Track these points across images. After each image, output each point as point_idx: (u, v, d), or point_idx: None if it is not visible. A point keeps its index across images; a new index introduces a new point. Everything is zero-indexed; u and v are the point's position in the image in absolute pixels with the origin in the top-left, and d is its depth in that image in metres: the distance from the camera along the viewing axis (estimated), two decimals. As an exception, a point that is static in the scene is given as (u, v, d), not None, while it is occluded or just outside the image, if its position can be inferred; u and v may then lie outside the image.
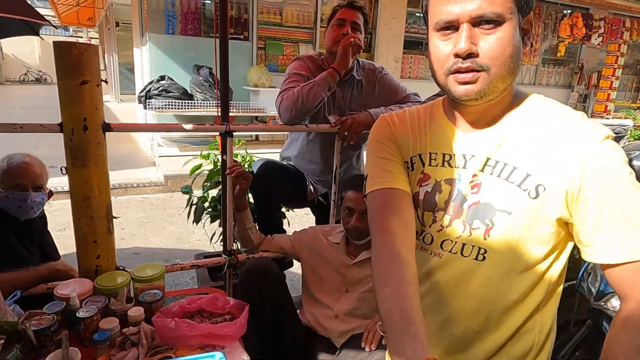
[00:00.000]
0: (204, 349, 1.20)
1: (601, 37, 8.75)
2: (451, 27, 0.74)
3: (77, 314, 1.20)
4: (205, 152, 2.23)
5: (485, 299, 0.82)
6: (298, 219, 3.25)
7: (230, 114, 5.85)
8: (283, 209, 2.21)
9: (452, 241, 0.83)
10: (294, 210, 2.35)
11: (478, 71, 0.73)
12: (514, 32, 0.73)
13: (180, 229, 3.90)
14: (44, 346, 1.12)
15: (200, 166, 2.18)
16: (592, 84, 9.76)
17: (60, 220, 3.65)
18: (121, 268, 1.50)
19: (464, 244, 0.82)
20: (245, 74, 6.36)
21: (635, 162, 1.92)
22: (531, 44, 0.85)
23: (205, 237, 2.29)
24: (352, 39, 1.83)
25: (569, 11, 8.61)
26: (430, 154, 0.87)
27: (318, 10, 6.85)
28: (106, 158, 1.39)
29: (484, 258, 0.80)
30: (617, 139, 2.61)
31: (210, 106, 5.55)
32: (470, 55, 0.72)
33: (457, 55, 0.73)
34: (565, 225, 0.77)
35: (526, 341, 0.83)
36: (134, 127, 1.61)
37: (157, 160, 5.53)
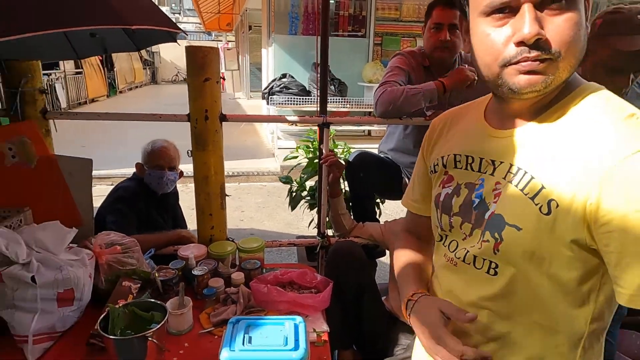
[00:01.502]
0: (290, 315, 1.36)
1: None
2: (507, 8, 0.63)
3: (192, 272, 1.46)
4: (301, 144, 2.40)
5: (497, 314, 0.73)
6: (392, 211, 3.28)
7: (344, 109, 6.01)
8: (378, 200, 2.29)
9: (468, 250, 0.76)
10: (386, 201, 2.39)
11: (545, 59, 0.62)
12: (582, 14, 0.63)
13: (290, 215, 4.21)
14: (167, 293, 1.39)
15: (295, 157, 2.35)
16: None
17: (192, 200, 4.26)
18: (230, 239, 1.74)
19: (475, 256, 0.74)
20: (360, 70, 6.51)
21: None
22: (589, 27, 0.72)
23: (313, 224, 2.49)
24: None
25: None
26: (455, 155, 0.81)
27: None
28: (222, 144, 1.63)
29: (495, 273, 0.71)
30: None
31: (318, 99, 5.82)
32: (537, 41, 0.61)
33: (520, 44, 0.62)
34: (597, 254, 0.63)
35: None
36: (245, 118, 1.84)
37: (276, 151, 6.01)
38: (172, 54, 21.06)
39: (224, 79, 12.81)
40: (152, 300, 1.22)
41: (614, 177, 0.58)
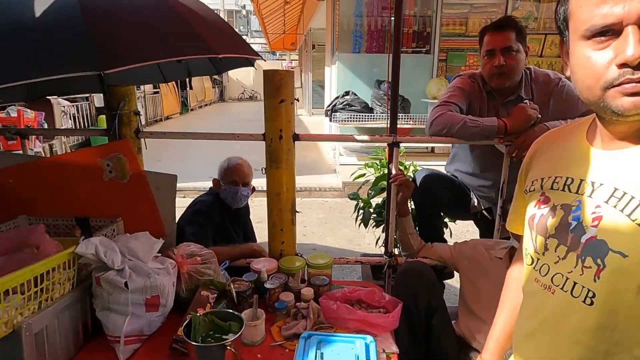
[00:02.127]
0: (359, 334, 1.36)
1: None
2: (609, 31, 0.63)
3: (265, 285, 1.51)
4: (368, 162, 2.41)
5: (594, 349, 0.69)
6: (461, 232, 3.17)
7: (407, 126, 5.95)
8: (446, 220, 2.23)
9: (563, 275, 0.73)
10: (456, 222, 2.33)
11: None
12: None
13: (352, 232, 4.23)
14: (241, 304, 1.45)
15: (363, 175, 2.36)
16: None
17: (258, 215, 4.41)
18: (299, 255, 1.79)
19: (575, 283, 0.71)
20: (424, 86, 6.44)
21: None
22: None
23: (374, 242, 2.48)
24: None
25: None
26: (555, 177, 0.79)
27: (508, 11, 6.44)
28: (294, 162, 1.70)
29: (592, 302, 0.68)
30: None
31: (388, 118, 5.83)
32: None
33: (623, 65, 0.62)
34: None
35: None
36: (316, 137, 1.91)
37: (338, 168, 6.08)
38: (238, 74, 22.20)
39: (297, 100, 13.26)
40: (230, 310, 1.28)
41: None
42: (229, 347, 1.11)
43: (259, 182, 2.60)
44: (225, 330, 1.22)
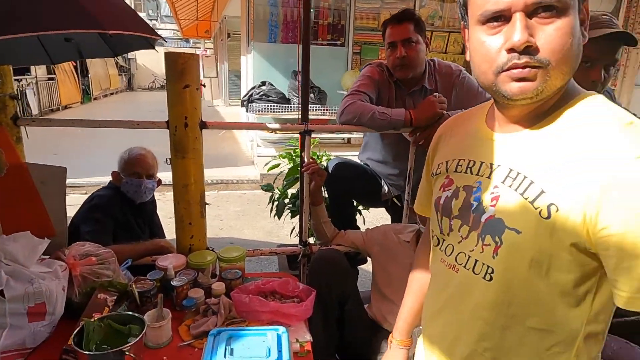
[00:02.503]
0: (273, 325, 1.33)
1: None
2: (501, 17, 0.65)
3: (171, 283, 1.42)
4: (282, 153, 2.38)
5: (493, 324, 0.73)
6: (376, 219, 3.30)
7: (324, 117, 6.00)
8: (360, 208, 2.29)
9: (465, 254, 0.76)
10: (369, 210, 2.40)
11: (536, 67, 0.64)
12: (575, 22, 0.64)
13: (271, 223, 4.18)
14: (144, 305, 1.34)
15: (277, 165, 2.33)
16: None
17: (170, 209, 4.19)
18: (210, 249, 1.71)
19: (476, 260, 0.74)
20: (340, 78, 6.56)
21: None
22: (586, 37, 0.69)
23: (294, 231, 2.46)
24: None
25: None
26: (459, 160, 0.82)
27: (415, 10, 6.78)
28: (202, 152, 1.61)
29: (491, 278, 0.71)
30: None
31: (299, 107, 5.84)
32: (528, 49, 0.63)
33: (511, 50, 0.64)
34: (595, 257, 0.64)
35: None
36: (225, 125, 1.82)
37: (255, 159, 5.98)
38: (148, 61, 20.76)
39: (204, 85, 12.71)
40: (130, 312, 1.18)
41: (615, 183, 0.59)
42: (127, 353, 1.02)
43: (168, 175, 2.46)
44: (126, 334, 1.12)
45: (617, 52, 1.37)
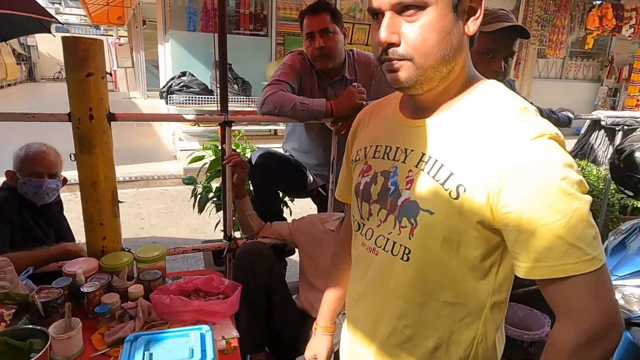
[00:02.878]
0: (197, 325, 1.28)
1: (633, 29, 8.39)
2: (378, 14, 0.71)
3: (81, 289, 1.30)
4: (206, 145, 2.29)
5: (411, 301, 0.77)
6: (304, 210, 3.32)
7: (249, 109, 5.87)
8: (286, 199, 2.28)
9: (384, 237, 0.79)
10: (296, 200, 2.40)
11: (401, 59, 0.70)
12: (441, 17, 0.68)
13: (197, 220, 4.02)
14: (50, 316, 1.22)
15: (200, 158, 2.24)
16: (623, 78, 9.40)
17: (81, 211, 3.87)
18: (127, 250, 1.60)
19: (394, 242, 0.77)
20: (264, 69, 6.46)
21: (638, 154, 1.88)
22: (474, 20, 0.73)
23: (220, 226, 2.37)
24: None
25: (599, 2, 8.31)
26: (377, 146, 0.84)
27: (337, 4, 6.86)
28: (112, 146, 1.49)
29: (408, 259, 0.75)
30: (629, 131, 2.54)
31: (230, 101, 5.68)
32: (391, 45, 0.69)
33: (380, 45, 0.71)
34: (498, 232, 0.69)
35: (461, 350, 0.78)
36: (137, 117, 1.69)
37: (178, 154, 5.70)
38: (53, 49, 18.73)
39: (110, 74, 11.79)
40: (30, 326, 1.06)
41: (514, 163, 0.64)
42: (28, 371, 0.92)
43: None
44: (26, 350, 1.01)
45: (514, 44, 1.49)
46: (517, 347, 2.03)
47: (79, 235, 1.97)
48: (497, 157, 0.66)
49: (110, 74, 11.85)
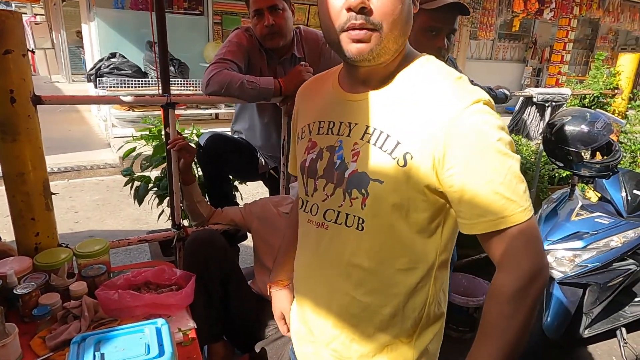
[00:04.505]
0: (150, 319, 1.21)
1: (553, 12, 8.97)
2: None
3: (14, 291, 1.18)
4: (135, 135, 2.11)
5: (367, 269, 0.79)
6: (252, 194, 3.26)
7: (187, 92, 5.62)
8: (236, 183, 2.21)
9: (334, 211, 0.80)
10: (247, 184, 2.34)
11: (371, 30, 0.70)
12: None
13: (137, 210, 3.79)
14: (-22, 324, 1.10)
15: (132, 150, 2.08)
16: (545, 58, 10.10)
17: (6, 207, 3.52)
18: (64, 245, 1.47)
19: (347, 214, 0.78)
20: (201, 50, 6.18)
21: (567, 127, 2.03)
22: (416, 5, 0.78)
23: (164, 217, 2.24)
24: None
25: (523, -14, 8.77)
26: (320, 122, 0.84)
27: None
28: (39, 132, 1.34)
29: (362, 228, 0.77)
30: (557, 107, 2.74)
31: (158, 79, 5.38)
32: (363, 10, 0.68)
33: (349, 10, 0.68)
34: (443, 195, 0.73)
35: (416, 313, 0.82)
36: (67, 100, 1.54)
37: (112, 141, 5.34)
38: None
39: (32, 51, 10.73)
40: (-44, 337, 0.95)
41: (454, 128, 0.69)
42: (-42, 386, 0.82)
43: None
44: (-47, 364, 0.89)
45: (455, 22, 1.52)
46: (464, 313, 2.15)
47: (5, 233, 1.79)
48: (439, 123, 0.69)
49: (33, 52, 10.77)
